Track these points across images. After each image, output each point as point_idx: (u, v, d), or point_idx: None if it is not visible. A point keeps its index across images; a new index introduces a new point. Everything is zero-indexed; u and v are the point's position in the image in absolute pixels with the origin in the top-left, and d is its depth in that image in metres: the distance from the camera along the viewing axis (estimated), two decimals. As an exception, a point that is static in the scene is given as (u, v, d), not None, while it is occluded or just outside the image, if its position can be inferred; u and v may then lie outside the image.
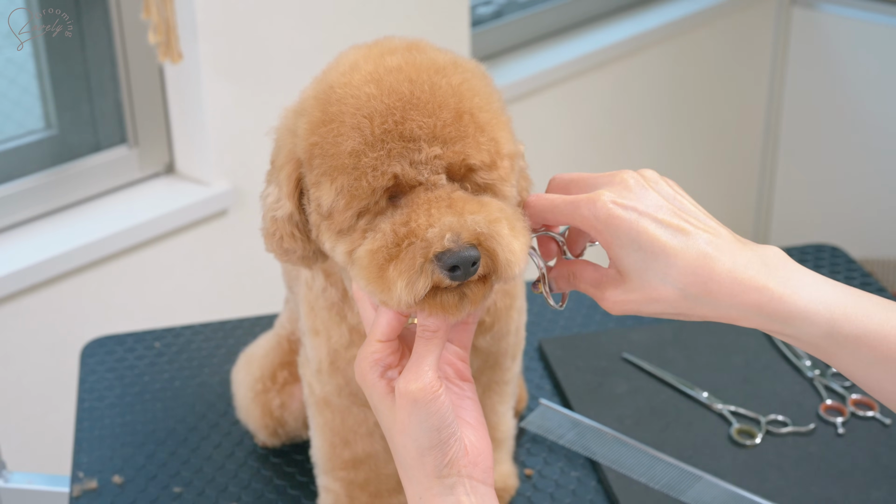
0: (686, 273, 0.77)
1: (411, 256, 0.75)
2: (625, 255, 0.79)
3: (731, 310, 0.77)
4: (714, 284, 0.77)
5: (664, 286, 0.78)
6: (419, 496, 0.80)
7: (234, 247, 2.05)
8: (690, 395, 1.24)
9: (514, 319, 1.02)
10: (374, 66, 0.81)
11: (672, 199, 0.81)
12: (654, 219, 0.78)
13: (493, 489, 0.82)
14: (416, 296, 0.76)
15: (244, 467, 1.18)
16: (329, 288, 0.96)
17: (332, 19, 2.03)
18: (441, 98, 0.79)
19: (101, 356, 1.37)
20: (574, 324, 1.41)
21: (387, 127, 0.77)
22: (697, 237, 0.78)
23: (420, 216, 0.77)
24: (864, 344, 0.75)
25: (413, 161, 0.77)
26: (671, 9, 2.81)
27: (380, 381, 0.82)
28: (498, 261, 0.77)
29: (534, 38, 2.60)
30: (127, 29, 1.90)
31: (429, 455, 0.79)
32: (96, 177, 1.93)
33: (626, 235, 0.78)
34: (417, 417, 0.79)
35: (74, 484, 1.15)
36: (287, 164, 0.84)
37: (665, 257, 0.77)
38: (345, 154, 0.78)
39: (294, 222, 0.85)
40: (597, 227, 0.80)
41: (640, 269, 0.79)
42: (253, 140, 1.99)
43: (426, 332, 0.80)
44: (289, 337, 1.18)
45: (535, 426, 1.19)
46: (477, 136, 0.79)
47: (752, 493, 1.08)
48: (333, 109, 0.80)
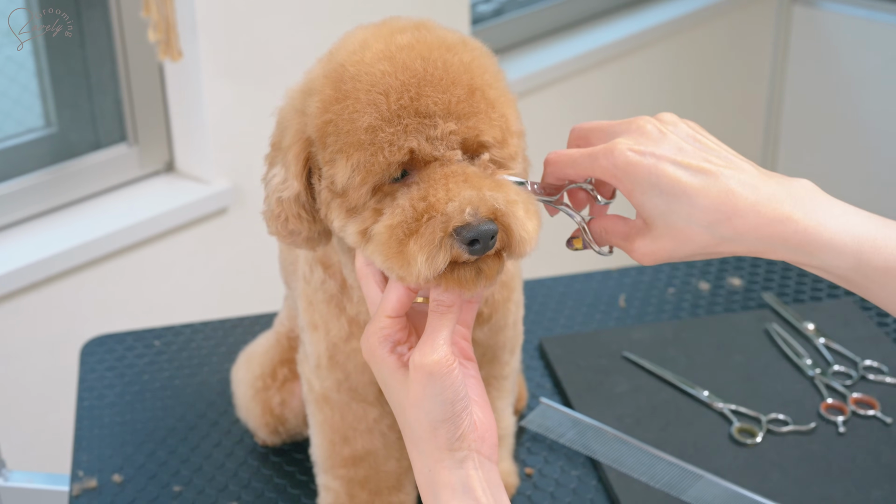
0: (710, 211, 0.77)
1: (431, 231, 0.76)
2: (647, 200, 0.79)
3: (757, 243, 0.77)
4: (738, 220, 0.76)
5: (689, 227, 0.78)
6: (428, 469, 0.80)
7: (233, 245, 2.05)
8: (691, 393, 1.24)
9: (512, 312, 1.02)
10: (385, 44, 0.81)
11: (692, 140, 0.80)
12: (674, 161, 0.78)
13: (497, 466, 0.83)
14: (436, 270, 0.76)
15: (244, 466, 1.18)
16: (328, 280, 0.96)
17: (332, 17, 2.03)
18: (454, 75, 0.80)
19: (101, 355, 1.37)
20: (574, 322, 1.41)
21: (402, 103, 0.78)
22: (719, 175, 0.77)
23: (438, 191, 0.77)
24: (893, 276, 0.74)
25: (429, 136, 0.78)
26: (671, 6, 2.81)
27: (390, 356, 0.82)
28: (513, 236, 0.78)
29: (534, 35, 2.60)
30: (127, 27, 1.89)
31: (442, 428, 0.79)
32: (96, 175, 1.93)
33: (647, 181, 0.78)
34: (432, 390, 0.79)
35: (74, 483, 1.15)
36: (295, 143, 0.84)
37: (687, 198, 0.77)
38: (361, 130, 0.78)
39: (301, 203, 0.85)
40: (616, 176, 0.80)
41: (664, 214, 0.78)
42: (253, 138, 1.99)
43: (440, 306, 0.80)
44: (288, 334, 1.18)
45: (536, 425, 1.19)
46: (489, 113, 0.81)
47: (752, 492, 1.08)
48: (347, 87, 0.80)
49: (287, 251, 1.09)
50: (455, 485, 0.79)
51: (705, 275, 1.50)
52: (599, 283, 1.49)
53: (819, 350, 1.30)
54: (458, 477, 0.79)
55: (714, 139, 0.82)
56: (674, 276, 1.50)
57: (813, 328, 1.34)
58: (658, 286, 1.48)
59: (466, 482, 0.79)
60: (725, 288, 1.47)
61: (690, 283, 1.49)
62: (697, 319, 1.38)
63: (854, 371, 1.26)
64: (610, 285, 1.49)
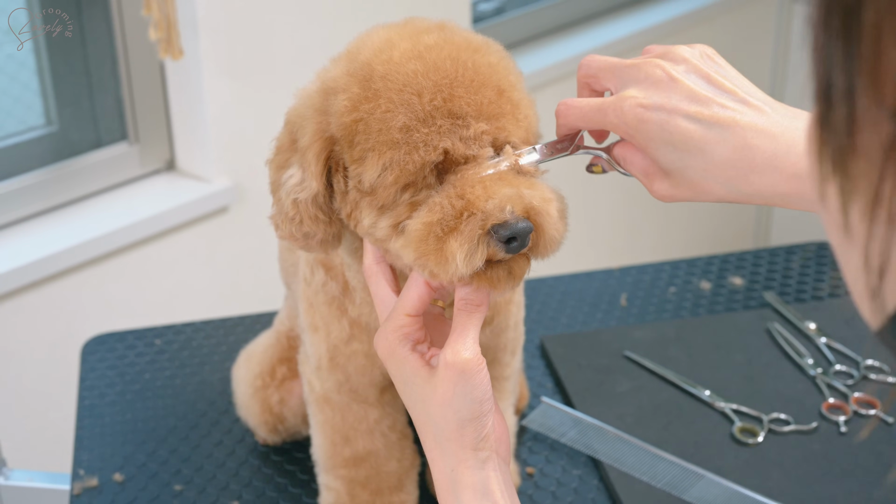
0: (726, 167, 0.74)
1: (471, 228, 0.76)
2: (661, 155, 0.77)
3: (776, 198, 0.75)
4: (756, 176, 0.74)
5: (706, 182, 0.76)
6: (451, 468, 0.80)
7: (234, 244, 2.05)
8: (692, 393, 1.24)
9: (513, 314, 1.02)
10: (413, 44, 0.81)
11: (705, 81, 0.76)
12: (686, 114, 0.75)
13: (510, 468, 0.83)
14: (474, 268, 0.76)
15: (245, 465, 1.17)
16: (329, 282, 0.96)
17: (333, 16, 2.03)
18: (483, 77, 0.80)
19: (102, 353, 1.37)
20: (576, 322, 1.41)
21: (436, 104, 0.78)
22: (735, 126, 0.74)
23: (476, 188, 0.77)
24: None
25: (462, 136, 0.79)
26: (672, 6, 2.81)
27: (412, 354, 0.81)
28: (544, 237, 0.78)
29: (535, 34, 2.60)
30: (128, 25, 1.89)
31: (469, 426, 0.79)
32: (97, 173, 1.93)
33: (659, 137, 0.76)
34: (463, 388, 0.78)
35: (75, 482, 1.15)
36: (315, 142, 0.83)
37: (701, 154, 0.75)
38: (395, 129, 0.78)
39: (318, 204, 0.84)
40: (628, 133, 0.78)
41: (680, 168, 0.76)
42: (254, 137, 1.99)
43: (469, 304, 0.80)
44: (288, 333, 1.18)
45: (537, 424, 1.19)
46: (515, 114, 0.81)
47: (754, 492, 1.08)
48: (377, 86, 0.80)
49: (287, 252, 1.08)
50: (477, 486, 0.79)
51: (707, 274, 1.50)
52: (601, 283, 1.49)
53: (820, 349, 1.30)
54: (479, 478, 0.79)
55: (730, 70, 0.78)
56: (675, 276, 1.50)
57: (814, 327, 1.34)
58: (659, 285, 1.48)
59: (486, 484, 0.79)
60: (727, 287, 1.47)
61: (692, 282, 1.49)
62: (699, 319, 1.38)
63: (855, 370, 1.26)
64: (611, 284, 1.49)
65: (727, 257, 1.54)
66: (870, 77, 0.40)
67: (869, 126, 0.41)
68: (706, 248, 3.15)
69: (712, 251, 2.72)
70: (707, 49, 0.79)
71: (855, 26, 0.40)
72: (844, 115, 0.42)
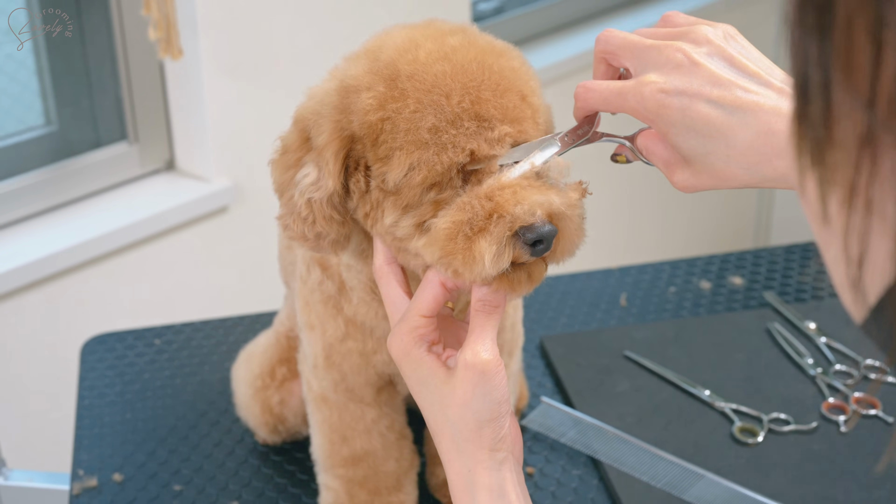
0: (749, 153, 0.73)
1: (500, 230, 0.76)
2: (682, 142, 0.76)
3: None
4: (780, 161, 0.72)
5: (729, 168, 0.74)
6: (468, 469, 0.79)
7: (234, 244, 2.05)
8: (692, 393, 1.23)
9: (510, 315, 1.02)
10: (438, 45, 0.82)
11: (727, 64, 0.75)
12: (708, 98, 0.74)
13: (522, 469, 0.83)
14: (500, 269, 0.77)
15: (245, 465, 1.17)
16: (325, 281, 0.96)
17: (333, 16, 2.03)
18: (508, 81, 0.81)
19: (102, 353, 1.37)
20: (576, 321, 1.41)
21: (464, 106, 0.79)
22: (758, 110, 0.72)
23: (505, 192, 0.78)
24: None
25: (487, 139, 0.80)
26: (673, 5, 2.81)
27: (428, 355, 0.81)
28: (565, 241, 0.79)
29: (535, 34, 2.60)
30: (127, 25, 1.89)
31: (487, 427, 0.79)
32: (96, 173, 1.93)
33: (680, 123, 0.75)
34: (483, 389, 0.78)
35: (75, 482, 1.15)
36: (333, 141, 0.82)
37: (724, 139, 0.73)
38: (423, 130, 0.79)
39: (333, 204, 0.84)
40: (648, 118, 0.77)
41: (702, 154, 0.75)
42: (254, 137, 1.99)
43: (487, 305, 0.80)
44: (287, 333, 1.18)
45: (537, 424, 1.19)
46: (535, 118, 0.83)
47: (754, 492, 1.08)
48: (404, 85, 0.80)
49: (287, 251, 1.08)
50: (493, 487, 0.79)
51: (707, 274, 1.50)
52: (601, 282, 1.49)
53: (820, 349, 1.30)
54: (496, 479, 0.79)
55: (752, 51, 0.77)
56: (675, 276, 1.50)
57: (814, 327, 1.34)
58: (659, 285, 1.48)
59: (503, 485, 0.79)
60: (727, 287, 1.47)
61: (692, 282, 1.48)
62: (699, 318, 1.38)
63: (856, 370, 1.26)
64: (611, 284, 1.48)
65: (727, 257, 1.54)
66: (844, 71, 0.42)
67: (844, 118, 0.42)
68: (706, 247, 3.15)
69: (712, 251, 2.73)
70: (730, 29, 0.78)
71: (828, 22, 0.42)
72: (821, 108, 0.43)
